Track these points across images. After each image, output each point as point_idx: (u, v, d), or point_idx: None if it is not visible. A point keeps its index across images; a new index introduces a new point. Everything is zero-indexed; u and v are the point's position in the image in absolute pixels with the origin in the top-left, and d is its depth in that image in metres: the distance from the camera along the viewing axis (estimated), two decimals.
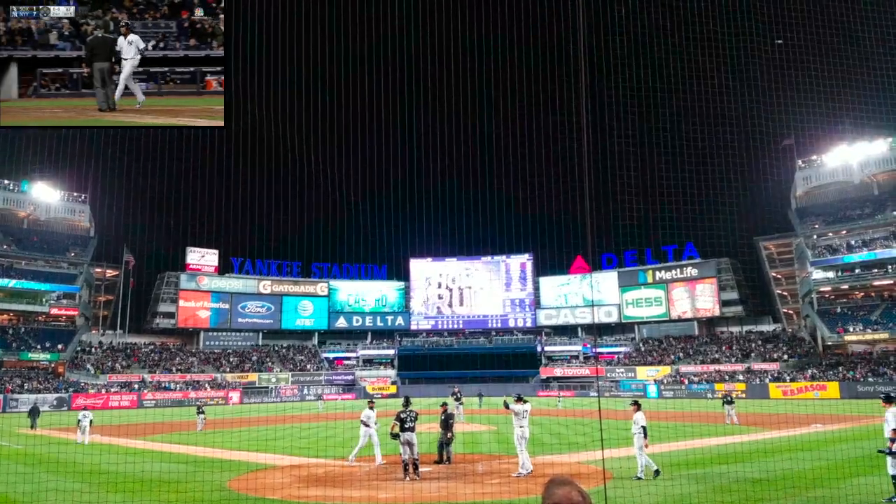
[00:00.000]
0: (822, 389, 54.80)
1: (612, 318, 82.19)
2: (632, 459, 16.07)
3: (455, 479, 15.98)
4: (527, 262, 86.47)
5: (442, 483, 15.28)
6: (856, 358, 61.41)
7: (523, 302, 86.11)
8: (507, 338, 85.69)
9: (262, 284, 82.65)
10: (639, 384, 67.80)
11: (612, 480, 14.70)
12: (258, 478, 16.46)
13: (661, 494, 13.25)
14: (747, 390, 57.64)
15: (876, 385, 51.71)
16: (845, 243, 65.76)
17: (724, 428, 28.99)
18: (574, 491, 2.53)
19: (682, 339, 76.63)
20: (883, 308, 62.21)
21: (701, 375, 65.71)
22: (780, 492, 13.47)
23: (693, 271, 77.01)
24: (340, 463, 19.23)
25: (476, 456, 20.56)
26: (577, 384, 72.36)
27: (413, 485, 15.01)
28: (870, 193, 67.37)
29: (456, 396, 34.40)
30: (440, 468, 17.50)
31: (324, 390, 69.94)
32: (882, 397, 13.57)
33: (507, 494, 13.85)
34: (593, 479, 14.45)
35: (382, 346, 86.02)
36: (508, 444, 23.91)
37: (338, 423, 35.12)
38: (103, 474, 16.56)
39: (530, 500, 13.08)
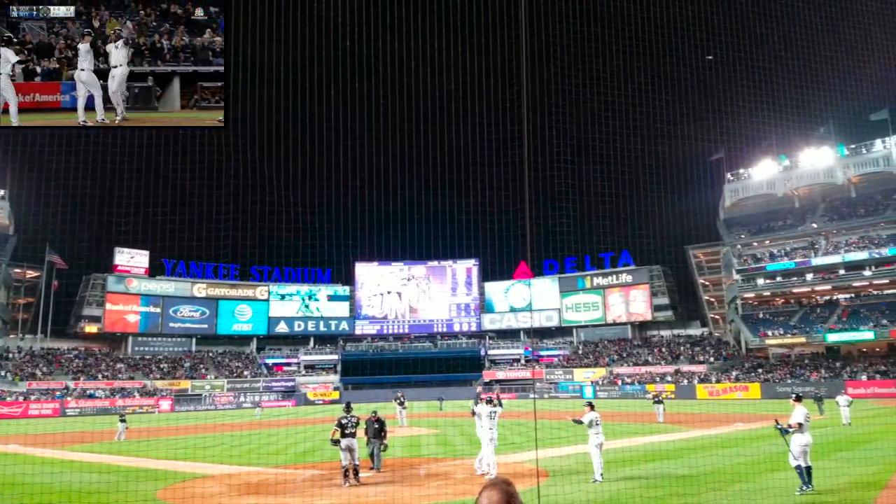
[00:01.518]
0: (745, 390, 57.59)
1: (552, 322, 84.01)
2: (564, 458, 16.61)
3: (396, 483, 16.15)
4: (473, 267, 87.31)
5: (382, 488, 15.44)
6: (775, 360, 64.77)
7: (468, 307, 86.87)
8: (452, 342, 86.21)
9: (197, 287, 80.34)
10: (576, 385, 69.48)
11: (546, 479, 15.21)
12: (189, 487, 16.12)
13: (594, 491, 13.81)
14: (676, 391, 59.96)
15: (794, 386, 54.68)
16: (768, 253, 69.29)
17: (655, 427, 30.21)
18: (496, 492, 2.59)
19: (617, 342, 79.02)
20: (801, 314, 65.84)
21: (633, 377, 67.94)
22: (703, 487, 14.26)
23: (628, 277, 79.57)
24: (277, 471, 19.08)
25: (418, 459, 20.76)
26: (519, 386, 73.58)
27: (352, 490, 15.10)
28: (792, 206, 71.22)
29: (399, 401, 34.59)
30: (380, 474, 17.62)
31: (262, 397, 68.50)
32: (793, 397, 14.69)
33: (448, 496, 14.13)
34: (528, 478, 14.90)
35: (326, 351, 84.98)
36: (450, 447, 24.27)
37: (279, 431, 34.68)
38: (17, 486, 15.88)
39: (467, 501, 13.41)
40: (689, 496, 13.32)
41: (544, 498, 12.52)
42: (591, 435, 15.43)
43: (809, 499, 12.78)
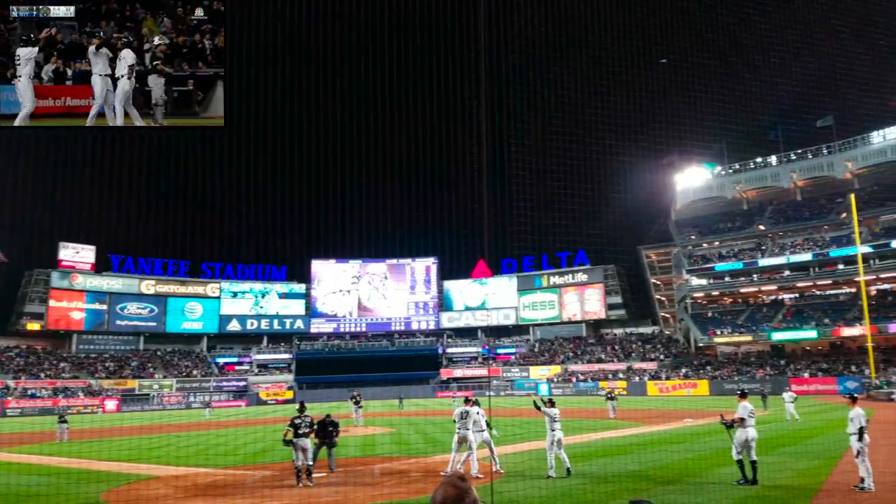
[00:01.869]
0: (694, 387, 59.14)
1: (509, 320, 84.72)
2: (519, 455, 16.71)
3: (350, 483, 15.97)
4: (431, 265, 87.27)
5: (335, 488, 15.24)
6: (723, 358, 66.68)
7: (427, 305, 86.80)
8: (410, 340, 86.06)
9: (145, 284, 78.15)
10: (531, 383, 70.24)
11: (501, 476, 15.25)
12: (134, 489, 15.66)
13: (547, 487, 13.92)
14: (628, 388, 61.18)
15: (740, 383, 56.35)
16: (717, 253, 71.26)
17: (607, 423, 30.72)
18: (451, 488, 2.60)
19: (572, 340, 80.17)
20: (748, 313, 67.93)
21: (587, 374, 69.06)
22: (653, 482, 14.54)
23: (583, 277, 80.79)
24: (228, 472, 18.66)
25: (373, 459, 20.59)
26: (476, 384, 73.88)
27: (305, 491, 14.86)
28: (740, 208, 73.42)
29: (355, 400, 34.33)
30: (333, 474, 17.40)
31: (212, 397, 67.06)
32: (738, 393, 15.13)
33: (403, 495, 14.04)
34: (483, 475, 14.91)
35: (279, 350, 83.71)
36: (406, 446, 24.16)
37: (230, 431, 33.99)
38: None
39: (422, 499, 13.35)
40: (639, 491, 13.54)
41: (498, 495, 12.55)
42: (549, 431, 15.52)
43: (755, 492, 13.14)
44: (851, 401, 14.06)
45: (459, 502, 2.58)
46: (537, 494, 13.11)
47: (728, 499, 12.52)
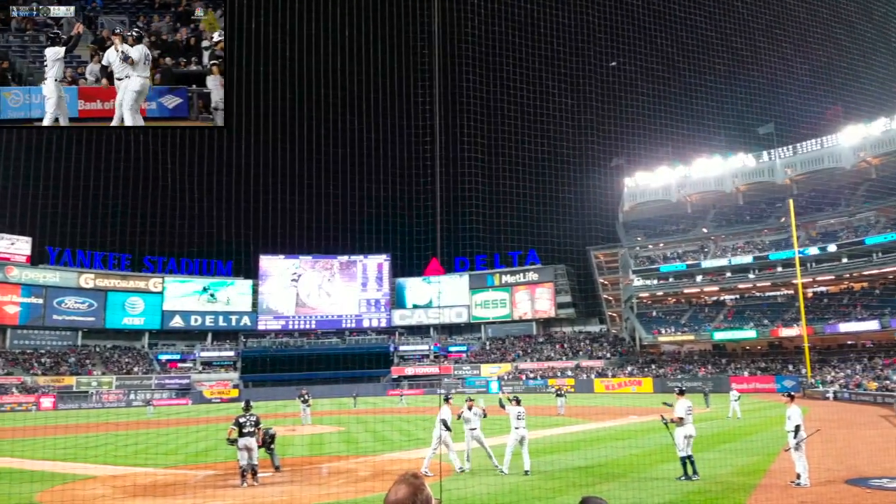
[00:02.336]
0: (639, 384, 60.62)
1: (462, 318, 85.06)
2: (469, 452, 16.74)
3: (296, 482, 15.72)
4: (384, 262, 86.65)
5: (281, 487, 14.97)
6: (667, 357, 68.55)
7: (379, 302, 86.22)
8: (360, 338, 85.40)
9: (84, 278, 75.24)
10: (482, 381, 70.70)
11: (451, 474, 15.25)
12: (71, 489, 15.05)
13: (495, 484, 13.99)
14: (576, 385, 62.27)
15: (683, 381, 58.04)
16: (662, 255, 73.17)
17: (555, 420, 31.16)
18: (405, 486, 2.60)
19: (522, 338, 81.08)
20: (690, 313, 70.00)
21: (537, 371, 69.98)
22: (599, 477, 14.79)
23: (534, 276, 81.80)
24: (169, 471, 18.12)
25: (320, 458, 20.31)
26: (427, 382, 73.97)
27: (249, 491, 14.55)
28: (684, 212, 75.55)
29: (303, 399, 33.83)
30: (279, 473, 17.09)
31: (154, 395, 65.09)
32: (676, 391, 15.57)
33: (350, 494, 13.89)
34: (434, 472, 14.88)
35: (225, 347, 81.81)
36: (354, 444, 23.94)
37: (172, 430, 33.06)
38: None
39: (369, 498, 13.23)
40: (585, 486, 13.75)
41: (447, 492, 12.55)
42: (512, 429, 15.63)
43: (696, 486, 13.51)
44: (789, 399, 14.61)
45: (413, 499, 2.57)
46: (486, 491, 13.17)
47: (670, 493, 12.83)
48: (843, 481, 13.43)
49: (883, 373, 46.60)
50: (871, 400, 39.54)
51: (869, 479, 13.52)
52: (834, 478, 13.73)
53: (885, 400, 37.16)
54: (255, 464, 15.34)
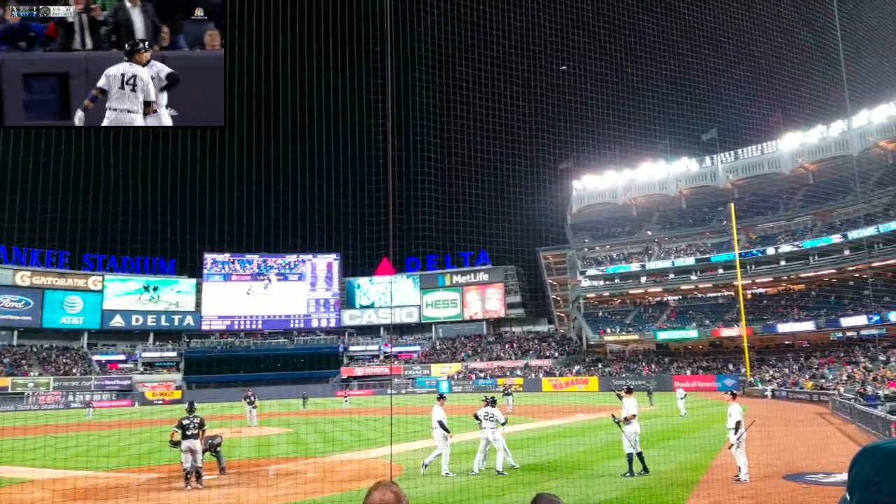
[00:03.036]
0: (585, 383, 61.76)
1: (412, 318, 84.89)
2: (419, 452, 16.75)
3: (242, 484, 15.41)
4: (333, 262, 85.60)
5: (227, 490, 14.66)
6: (612, 356, 70.08)
7: (328, 302, 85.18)
8: (309, 338, 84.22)
9: (20, 275, 71.90)
10: (432, 381, 70.77)
11: (400, 473, 15.23)
12: (6, 494, 14.45)
13: (445, 483, 14.03)
14: (524, 384, 63.01)
15: (627, 379, 59.40)
16: (609, 256, 74.74)
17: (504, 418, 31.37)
18: (389, 492, 2.56)
19: (472, 338, 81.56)
20: (635, 313, 71.73)
21: (486, 371, 70.49)
22: (547, 475, 15.00)
23: (484, 276, 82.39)
24: (110, 475, 17.50)
25: (267, 460, 19.96)
26: (377, 382, 73.56)
27: (194, 494, 14.19)
28: (630, 214, 77.34)
29: (249, 400, 33.18)
30: (225, 476, 16.73)
31: (93, 397, 62.72)
32: (624, 389, 15.96)
33: (298, 496, 13.70)
34: (382, 473, 14.83)
35: (167, 348, 79.46)
36: (303, 446, 23.62)
37: (113, 432, 31.93)
38: None
39: (318, 500, 13.09)
40: (533, 484, 13.92)
41: None
42: (483, 429, 15.83)
43: (640, 483, 13.86)
44: (731, 397, 15.18)
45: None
46: (435, 490, 13.19)
47: (616, 490, 13.11)
48: (780, 476, 13.98)
49: (818, 372, 48.76)
50: (807, 398, 41.25)
51: (805, 475, 14.11)
52: (772, 473, 14.28)
53: (820, 398, 38.77)
54: (199, 466, 14.98)
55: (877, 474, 1.27)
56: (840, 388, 36.52)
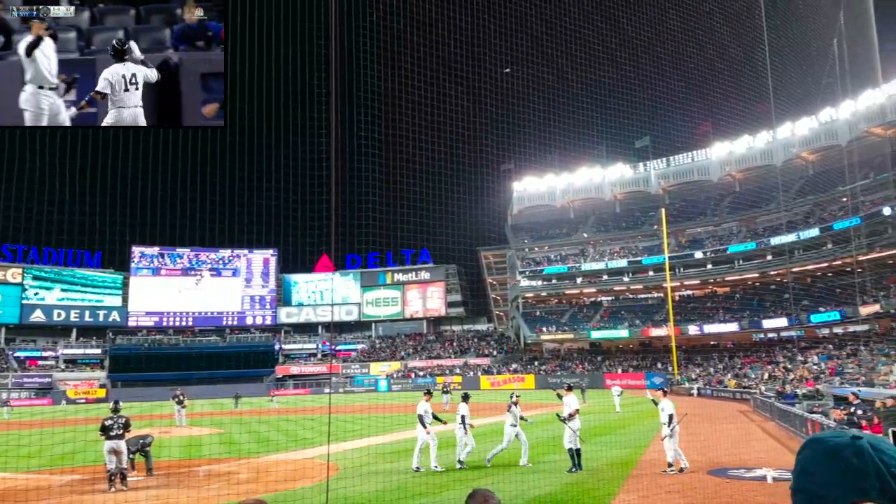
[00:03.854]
0: (522, 381, 62.74)
1: (352, 316, 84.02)
2: (356, 451, 16.65)
3: (171, 486, 14.93)
4: (270, 257, 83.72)
5: (154, 491, 14.18)
6: (548, 354, 71.46)
7: (264, 299, 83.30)
8: (243, 336, 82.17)
9: None
10: (371, 379, 70.34)
11: (337, 472, 15.09)
12: None
13: (382, 482, 13.99)
14: (463, 382, 63.42)
15: (562, 377, 60.71)
16: (547, 257, 76.15)
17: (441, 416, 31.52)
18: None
19: (413, 336, 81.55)
20: (570, 313, 73.38)
21: (426, 369, 70.62)
22: (483, 472, 15.16)
23: (426, 275, 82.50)
24: (30, 476, 16.63)
25: (197, 461, 19.38)
26: (314, 382, 72.51)
27: (119, 496, 13.65)
28: (567, 216, 79.01)
29: (178, 399, 32.13)
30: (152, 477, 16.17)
31: (11, 395, 59.37)
32: (564, 387, 16.34)
33: (230, 497, 13.38)
34: (318, 473, 14.66)
35: (91, 344, 76.04)
36: (235, 446, 23.06)
37: (33, 432, 30.35)
38: None
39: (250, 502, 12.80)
40: (470, 481, 14.05)
41: (333, 492, 12.39)
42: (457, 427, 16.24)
43: (573, 478, 14.19)
44: (663, 393, 15.83)
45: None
46: (373, 489, 13.13)
47: (550, 485, 13.38)
48: (705, 471, 14.58)
49: (741, 371, 51.11)
50: (730, 396, 43.16)
51: (728, 470, 14.78)
52: (696, 468, 14.87)
53: (743, 396, 40.61)
54: (124, 467, 14.45)
55: (813, 465, 1.31)
56: (761, 387, 38.28)
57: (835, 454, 1.28)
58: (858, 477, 1.24)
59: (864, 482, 1.24)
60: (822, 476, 1.29)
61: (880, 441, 1.29)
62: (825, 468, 1.29)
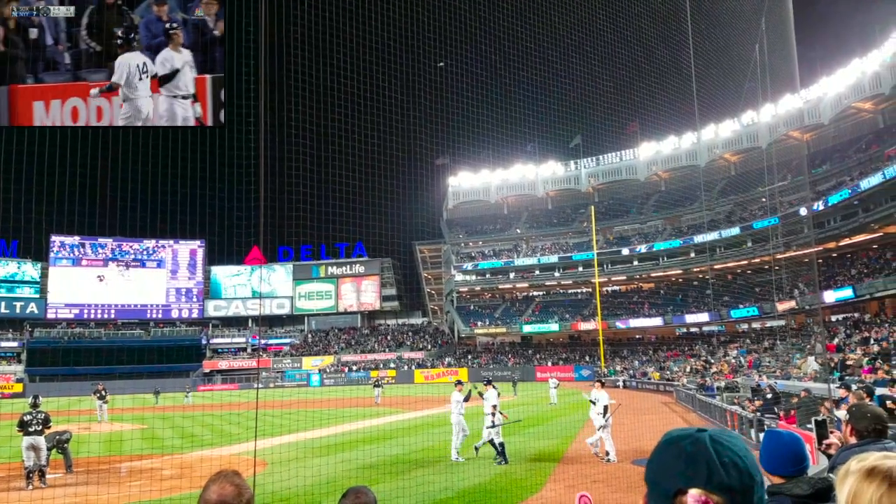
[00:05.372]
0: (455, 374, 63.13)
1: (284, 310, 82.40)
2: (285, 447, 16.47)
3: (91, 483, 14.37)
4: (198, 249, 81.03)
5: (74, 489, 13.62)
6: (481, 348, 72.39)
7: (190, 291, 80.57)
8: (168, 329, 79.29)
9: None
10: (303, 374, 69.36)
11: (265, 468, 14.89)
12: None
13: (311, 476, 13.89)
14: (397, 376, 63.56)
15: (495, 370, 61.70)
16: (481, 252, 77.00)
17: (373, 410, 31.58)
18: (228, 485, 2.42)
19: (347, 330, 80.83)
20: (503, 307, 74.54)
21: (360, 364, 70.20)
22: (416, 463, 15.29)
23: (360, 268, 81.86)
24: None
25: (119, 457, 18.69)
26: (243, 376, 70.82)
27: (36, 493, 13.05)
28: (501, 212, 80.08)
29: (99, 394, 30.92)
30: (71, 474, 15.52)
31: None
32: (483, 382, 16.73)
33: (153, 494, 13.01)
34: (245, 468, 14.42)
35: (7, 337, 71.81)
36: (158, 442, 22.35)
37: None
38: None
39: (175, 498, 12.53)
40: (399, 474, 14.16)
41: (260, 487, 12.25)
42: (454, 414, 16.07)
43: (502, 469, 14.51)
44: (600, 385, 16.55)
45: (238, 500, 2.41)
46: (301, 484, 13.04)
47: (478, 477, 13.64)
48: (629, 461, 15.17)
49: (665, 364, 53.23)
50: (654, 388, 44.91)
51: None
52: (622, 458, 15.45)
53: (666, 388, 42.32)
54: (42, 464, 13.86)
55: (656, 454, 1.36)
56: (683, 380, 39.91)
57: (673, 444, 1.32)
58: (688, 464, 1.27)
59: (692, 469, 1.26)
60: (659, 464, 1.32)
61: (723, 434, 1.33)
62: (663, 457, 1.32)
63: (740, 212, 59.86)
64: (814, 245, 44.22)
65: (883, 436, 3.68)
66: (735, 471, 1.25)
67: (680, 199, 66.45)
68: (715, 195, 62.89)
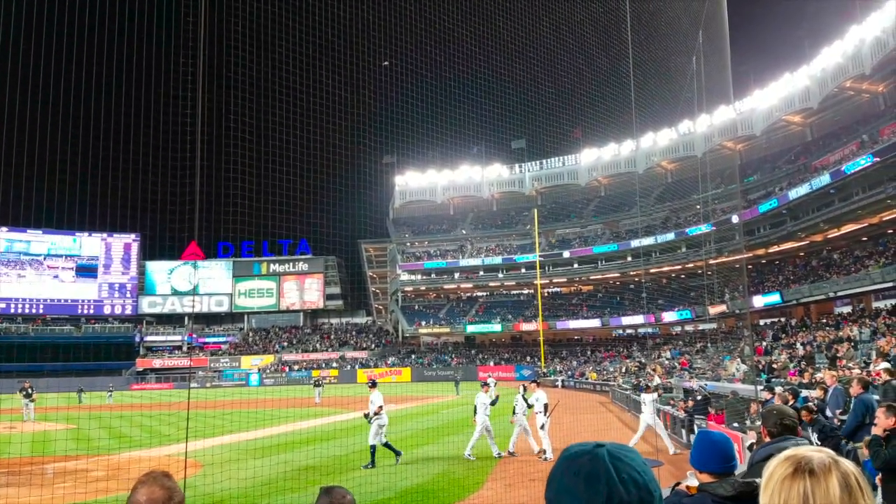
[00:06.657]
0: (399, 374, 63.26)
1: (223, 307, 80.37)
2: (218, 448, 16.15)
3: (14, 485, 13.74)
4: (132, 243, 78.09)
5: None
6: (425, 347, 72.51)
7: (124, 287, 77.58)
8: (100, 326, 76.12)
9: None
10: (242, 373, 67.87)
11: (199, 470, 14.56)
12: None
13: (247, 479, 13.67)
14: (339, 376, 62.97)
15: (438, 370, 61.95)
16: (427, 252, 77.11)
17: (313, 410, 31.26)
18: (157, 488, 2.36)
19: (288, 329, 79.50)
20: (448, 307, 74.87)
21: (302, 363, 69.19)
22: (354, 464, 15.24)
23: (304, 266, 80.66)
24: None
25: (45, 458, 17.89)
26: (178, 375, 68.69)
27: None
28: (447, 213, 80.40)
29: (26, 392, 29.58)
30: None
31: None
32: (368, 385, 16.89)
33: (82, 496, 12.55)
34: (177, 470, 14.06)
35: None
36: (87, 442, 21.50)
37: None
38: None
39: (101, 500, 12.13)
40: (340, 473, 14.10)
41: (193, 489, 11.99)
42: None
43: (441, 468, 14.63)
44: (536, 385, 16.89)
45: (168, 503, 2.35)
46: (237, 486, 12.82)
47: (418, 477, 13.70)
48: None
49: (602, 364, 54.53)
50: (591, 388, 45.93)
51: None
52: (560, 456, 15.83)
53: (603, 388, 43.35)
54: None
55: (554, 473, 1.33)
56: (619, 380, 41.00)
57: (573, 461, 1.29)
58: (588, 482, 1.24)
59: (592, 487, 1.23)
60: (559, 484, 1.28)
61: (621, 449, 1.31)
62: (562, 475, 1.29)
63: (675, 218, 61.85)
64: (744, 252, 46.09)
65: (792, 432, 3.92)
66: (634, 487, 1.24)
67: (619, 204, 68.23)
68: (652, 201, 64.82)
